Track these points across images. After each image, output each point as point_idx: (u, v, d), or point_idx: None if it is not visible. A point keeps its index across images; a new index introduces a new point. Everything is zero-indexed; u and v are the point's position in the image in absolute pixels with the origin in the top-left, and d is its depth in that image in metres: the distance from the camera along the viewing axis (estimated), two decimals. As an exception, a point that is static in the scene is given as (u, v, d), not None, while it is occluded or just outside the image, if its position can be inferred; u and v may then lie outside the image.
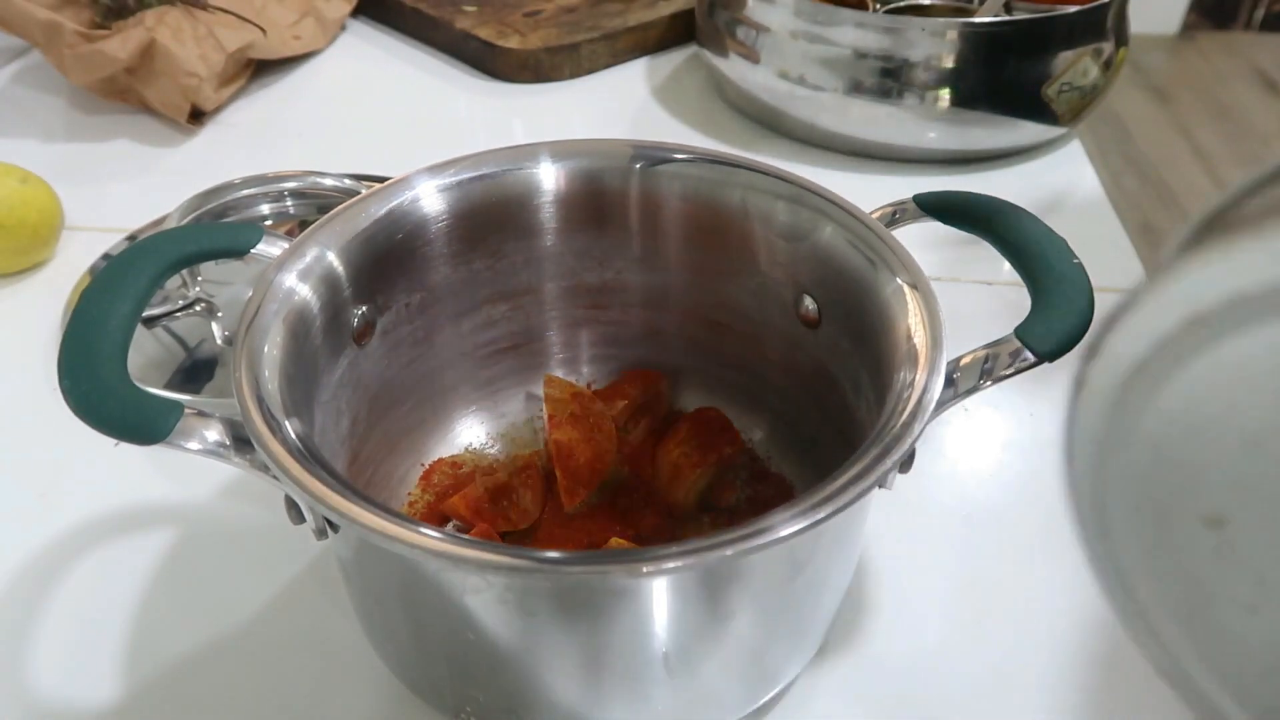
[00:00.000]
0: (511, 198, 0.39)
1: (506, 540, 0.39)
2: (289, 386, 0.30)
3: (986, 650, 0.38)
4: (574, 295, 0.42)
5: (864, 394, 0.33)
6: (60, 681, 0.37)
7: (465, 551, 0.24)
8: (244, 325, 0.31)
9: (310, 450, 0.28)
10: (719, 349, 0.42)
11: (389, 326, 0.38)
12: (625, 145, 0.39)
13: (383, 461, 0.40)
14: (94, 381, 0.28)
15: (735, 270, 0.39)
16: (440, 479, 0.42)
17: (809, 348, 0.38)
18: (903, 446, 0.27)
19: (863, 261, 0.34)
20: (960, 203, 0.36)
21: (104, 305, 0.30)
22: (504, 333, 0.43)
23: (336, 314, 0.35)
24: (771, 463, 0.42)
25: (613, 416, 0.42)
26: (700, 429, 0.42)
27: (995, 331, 0.31)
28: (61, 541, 0.42)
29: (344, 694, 0.37)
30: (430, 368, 0.41)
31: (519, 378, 0.44)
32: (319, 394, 0.34)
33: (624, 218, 0.40)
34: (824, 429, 0.38)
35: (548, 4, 0.83)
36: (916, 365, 0.29)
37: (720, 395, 0.44)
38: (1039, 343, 0.30)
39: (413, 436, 0.42)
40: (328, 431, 0.34)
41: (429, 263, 0.38)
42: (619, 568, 0.25)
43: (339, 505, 0.25)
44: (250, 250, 0.35)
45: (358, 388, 0.37)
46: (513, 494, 0.40)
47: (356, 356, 0.36)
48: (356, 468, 0.38)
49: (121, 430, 0.28)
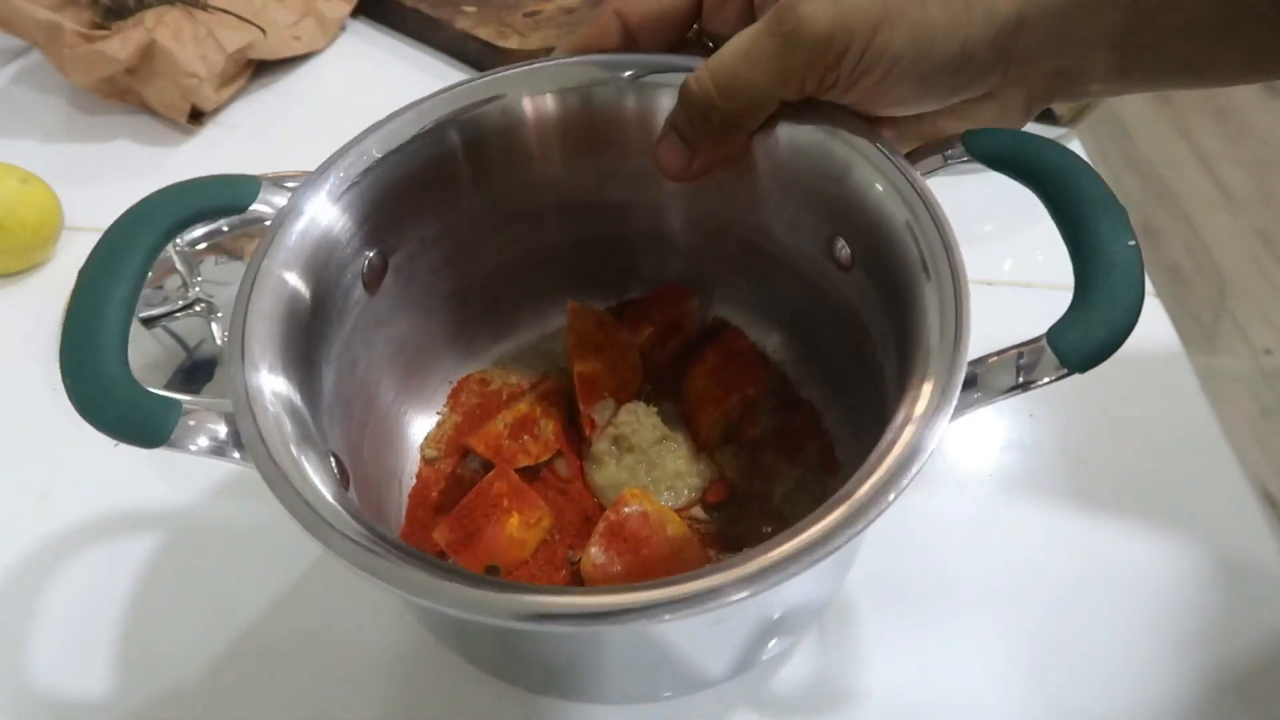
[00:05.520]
0: (525, 119, 0.38)
1: (525, 475, 0.39)
2: (290, 376, 0.30)
3: (988, 651, 0.38)
4: (601, 212, 0.41)
5: (890, 353, 0.31)
6: (60, 681, 0.37)
7: (441, 586, 0.24)
8: (238, 309, 0.30)
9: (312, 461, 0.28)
10: (754, 269, 0.41)
11: (402, 263, 0.38)
12: (664, 60, 0.37)
13: (409, 385, 0.40)
14: (95, 383, 0.27)
15: (769, 199, 0.37)
16: (468, 397, 0.42)
17: (842, 288, 0.36)
18: (882, 503, 0.25)
19: (895, 217, 0.31)
20: (1014, 149, 0.31)
21: (101, 291, 0.29)
22: (528, 249, 0.42)
23: (342, 268, 0.34)
24: (803, 388, 0.42)
25: (638, 345, 0.42)
26: (727, 362, 0.41)
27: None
28: (62, 542, 0.42)
29: (346, 695, 0.37)
30: (452, 290, 0.41)
31: (547, 291, 0.44)
32: (328, 351, 0.33)
33: (645, 138, 0.38)
34: (851, 364, 0.37)
35: (548, 4, 0.83)
36: (931, 371, 0.27)
37: (753, 313, 0.43)
38: (1071, 350, 0.27)
39: (439, 357, 0.42)
40: (340, 386, 0.34)
41: (441, 195, 0.37)
42: (591, 619, 0.24)
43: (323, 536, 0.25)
44: (249, 205, 0.33)
45: (373, 331, 0.37)
46: (534, 426, 0.40)
47: (369, 303, 0.36)
48: (380, 403, 0.38)
49: (121, 434, 0.27)
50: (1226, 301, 1.73)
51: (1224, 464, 0.45)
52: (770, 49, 0.31)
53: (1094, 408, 0.47)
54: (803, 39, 0.30)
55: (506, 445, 0.39)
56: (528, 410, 0.41)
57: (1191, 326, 1.67)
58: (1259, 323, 1.69)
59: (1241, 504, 0.43)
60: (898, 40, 0.30)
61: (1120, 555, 0.41)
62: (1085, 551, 0.42)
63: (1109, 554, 0.41)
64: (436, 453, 0.41)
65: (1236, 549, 0.41)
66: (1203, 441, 0.46)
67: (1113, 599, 0.40)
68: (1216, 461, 0.45)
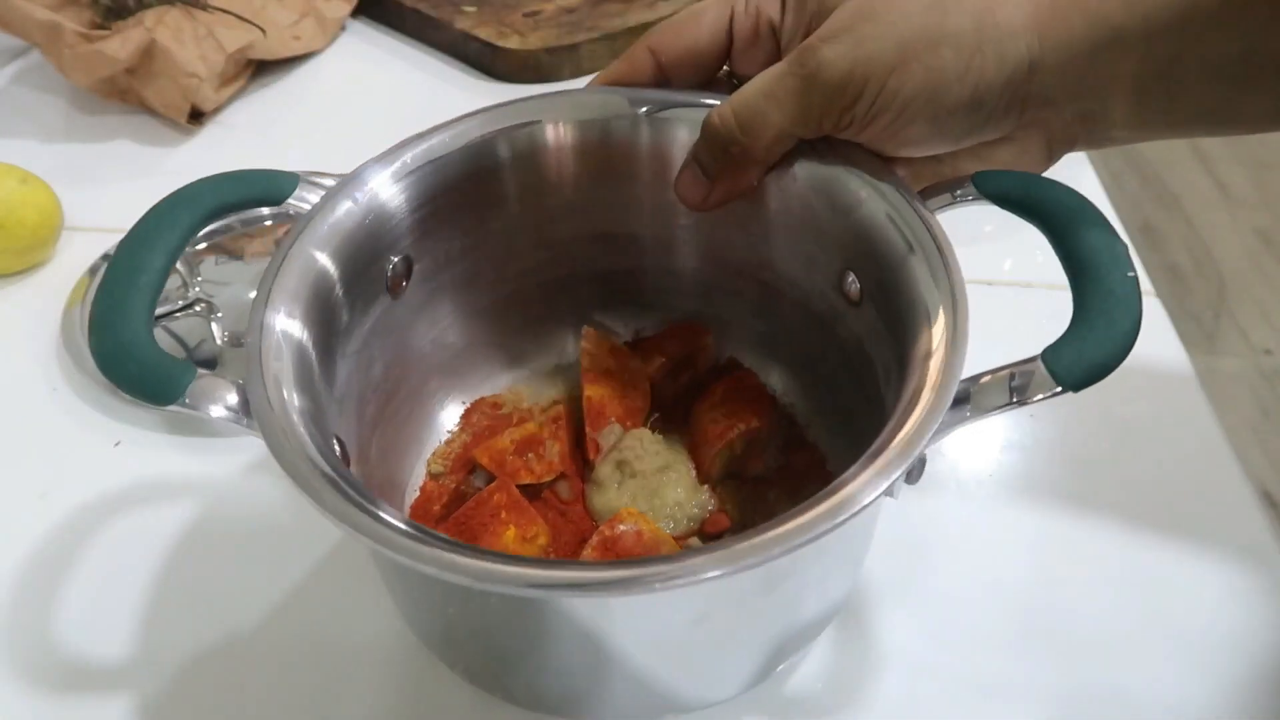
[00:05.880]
0: (552, 146, 0.39)
1: (527, 493, 0.39)
2: (305, 357, 0.31)
3: (987, 652, 0.38)
4: (621, 244, 0.42)
5: (892, 384, 0.32)
6: (59, 681, 0.37)
7: (408, 545, 0.25)
8: (264, 287, 0.31)
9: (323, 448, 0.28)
10: (768, 308, 0.42)
11: (426, 274, 0.38)
12: (689, 96, 0.38)
13: (422, 401, 0.41)
14: (117, 341, 0.29)
15: (784, 234, 0.38)
16: (480, 419, 0.43)
17: (851, 324, 0.37)
18: (868, 495, 0.25)
19: (902, 248, 0.32)
20: (1022, 188, 0.33)
21: (136, 261, 0.31)
22: (550, 278, 0.43)
23: (367, 266, 0.35)
24: (810, 431, 0.42)
25: (649, 374, 0.42)
26: (734, 395, 0.42)
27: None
28: (61, 542, 0.42)
29: (362, 687, 0.37)
30: (472, 310, 0.41)
31: (564, 322, 0.44)
32: (346, 345, 0.34)
33: (668, 172, 0.39)
34: (860, 405, 0.37)
35: (548, 4, 0.83)
36: (927, 384, 0.28)
37: (765, 355, 0.43)
38: (1066, 370, 0.28)
39: (454, 376, 0.42)
40: (353, 381, 0.35)
41: (469, 212, 0.38)
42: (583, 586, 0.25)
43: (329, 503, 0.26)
44: (287, 198, 0.35)
45: (391, 334, 0.37)
46: (540, 446, 0.40)
47: (390, 305, 0.37)
48: (391, 409, 0.38)
49: (137, 389, 0.28)
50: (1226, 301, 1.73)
51: (1224, 464, 0.45)
52: (791, 88, 0.33)
53: (1094, 408, 0.47)
54: (822, 81, 0.32)
55: (510, 460, 0.39)
56: (536, 430, 0.41)
57: (1191, 326, 1.67)
58: (1259, 323, 1.69)
59: (1241, 504, 0.43)
60: (911, 84, 0.31)
61: (1120, 555, 0.41)
62: (1085, 551, 0.42)
63: (1109, 554, 0.41)
64: (442, 468, 0.41)
65: (1236, 549, 0.41)
66: (1203, 441, 0.46)
67: (1113, 598, 0.40)
68: (1216, 461, 0.45)
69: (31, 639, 0.39)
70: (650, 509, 0.39)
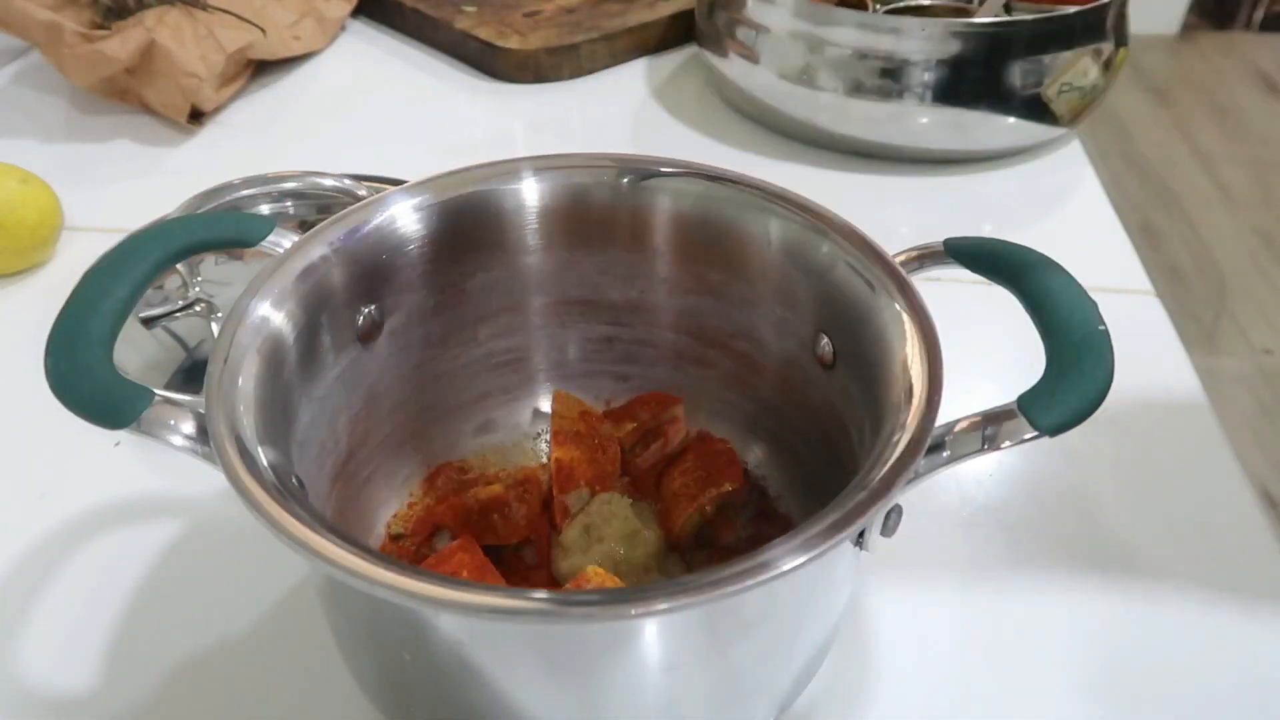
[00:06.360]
0: (530, 209, 0.39)
1: (491, 556, 0.38)
2: (269, 391, 0.30)
3: (988, 652, 0.38)
4: (595, 311, 0.42)
5: (865, 445, 0.32)
6: (57, 681, 0.37)
7: (376, 573, 0.24)
8: (232, 323, 0.31)
9: (281, 480, 0.28)
10: (740, 378, 0.42)
11: (398, 328, 0.38)
12: (662, 162, 0.39)
13: (386, 460, 0.40)
14: (73, 362, 0.29)
15: (756, 300, 0.39)
16: (445, 483, 0.41)
17: (823, 389, 0.37)
18: (845, 530, 0.25)
19: (875, 306, 0.33)
20: (990, 251, 0.34)
21: (101, 288, 0.31)
22: (521, 343, 0.42)
23: (339, 312, 0.35)
24: (781, 502, 0.41)
25: (619, 439, 0.42)
26: (705, 462, 0.41)
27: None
28: (61, 542, 0.42)
29: (341, 700, 0.37)
30: (443, 370, 0.41)
31: (535, 388, 0.44)
32: (313, 389, 0.34)
33: (647, 238, 0.39)
34: (833, 475, 0.37)
35: (547, 4, 0.83)
36: (901, 433, 0.28)
37: (738, 425, 0.43)
38: (1041, 416, 0.28)
39: (420, 438, 0.41)
40: (317, 426, 0.34)
41: (441, 270, 0.38)
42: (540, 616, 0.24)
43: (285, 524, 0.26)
44: (260, 242, 0.34)
45: (358, 385, 0.37)
46: (505, 508, 0.39)
47: (360, 355, 0.36)
48: (354, 464, 0.37)
49: (89, 412, 0.28)
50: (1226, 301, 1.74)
51: (1224, 464, 0.45)
52: None
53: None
54: None
55: (475, 520, 0.39)
56: (502, 492, 0.40)
57: (1191, 326, 1.67)
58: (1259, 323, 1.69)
59: (1241, 504, 0.43)
60: None
61: (1120, 554, 0.41)
62: (1085, 551, 0.42)
63: (1109, 554, 0.41)
64: (403, 530, 0.40)
65: (1236, 549, 0.41)
66: (1203, 441, 0.46)
67: (1113, 598, 0.40)
68: (1216, 461, 0.45)
69: (30, 639, 0.39)
70: (618, 574, 0.37)
